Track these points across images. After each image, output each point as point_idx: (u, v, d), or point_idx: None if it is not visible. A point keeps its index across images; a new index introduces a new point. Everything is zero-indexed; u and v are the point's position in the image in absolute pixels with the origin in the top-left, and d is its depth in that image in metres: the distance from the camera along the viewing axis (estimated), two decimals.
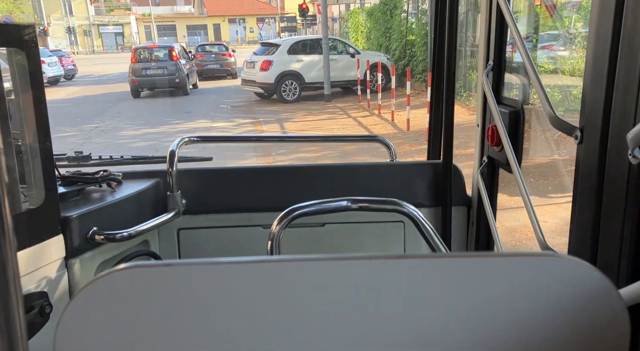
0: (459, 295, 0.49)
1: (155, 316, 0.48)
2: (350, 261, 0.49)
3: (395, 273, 0.49)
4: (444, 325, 0.49)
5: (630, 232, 0.93)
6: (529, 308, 0.49)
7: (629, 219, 0.96)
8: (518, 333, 0.49)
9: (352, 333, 0.48)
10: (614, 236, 0.97)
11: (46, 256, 1.65)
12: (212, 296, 0.49)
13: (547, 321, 0.49)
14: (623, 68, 1.00)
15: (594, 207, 1.06)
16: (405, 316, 0.49)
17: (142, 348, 0.48)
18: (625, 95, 0.99)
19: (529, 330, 0.49)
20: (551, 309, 0.49)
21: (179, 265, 0.50)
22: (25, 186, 1.64)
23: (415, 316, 0.49)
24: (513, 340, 0.48)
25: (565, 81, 9.55)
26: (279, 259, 0.52)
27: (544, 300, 0.49)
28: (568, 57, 10.14)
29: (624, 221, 0.96)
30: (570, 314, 0.48)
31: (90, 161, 2.39)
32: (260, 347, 0.50)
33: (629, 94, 0.98)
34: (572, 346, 0.49)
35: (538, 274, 0.49)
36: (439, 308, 0.49)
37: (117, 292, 0.48)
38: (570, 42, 10.20)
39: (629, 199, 0.96)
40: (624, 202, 0.96)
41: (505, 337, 0.48)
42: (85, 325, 0.48)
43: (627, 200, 0.96)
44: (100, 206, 1.88)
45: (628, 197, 0.96)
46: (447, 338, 0.49)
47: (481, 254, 0.55)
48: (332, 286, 0.48)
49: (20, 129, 1.61)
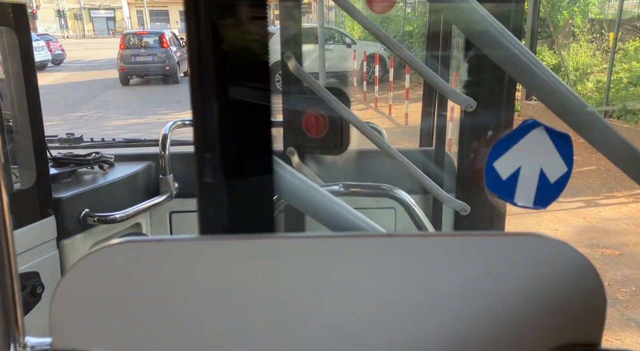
0: (441, 273, 0.50)
1: (148, 291, 0.49)
2: (334, 239, 0.51)
3: (380, 251, 0.50)
4: (425, 301, 0.50)
5: None
6: (509, 286, 0.51)
7: None
8: (498, 310, 0.51)
9: (334, 310, 0.50)
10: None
11: (38, 236, 1.68)
12: (203, 271, 0.49)
13: (528, 298, 0.51)
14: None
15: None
16: (386, 294, 0.50)
17: (135, 322, 0.49)
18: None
19: (510, 307, 0.51)
20: (532, 286, 0.51)
21: (170, 241, 0.49)
22: (17, 166, 1.65)
23: (397, 294, 0.50)
24: (493, 316, 0.51)
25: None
26: (268, 236, 0.52)
27: (524, 278, 0.51)
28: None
29: None
30: (550, 292, 0.51)
31: (82, 143, 2.41)
32: (252, 322, 0.50)
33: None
34: (551, 322, 0.51)
35: (519, 253, 0.51)
36: (422, 286, 0.50)
37: (110, 267, 0.49)
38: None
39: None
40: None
41: (486, 313, 0.51)
42: (79, 299, 0.49)
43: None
44: (92, 187, 1.90)
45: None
46: (429, 315, 0.51)
47: (463, 233, 0.51)
48: (319, 264, 0.50)
49: (11, 109, 1.62)
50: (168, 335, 0.50)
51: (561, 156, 0.81)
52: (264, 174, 0.60)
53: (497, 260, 0.51)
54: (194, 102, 0.55)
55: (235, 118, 0.57)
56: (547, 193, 0.83)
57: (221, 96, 0.55)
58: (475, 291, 0.51)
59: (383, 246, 0.51)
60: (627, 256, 4.88)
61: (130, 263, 0.49)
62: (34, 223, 1.66)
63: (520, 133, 0.81)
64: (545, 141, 0.80)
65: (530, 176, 0.81)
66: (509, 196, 0.83)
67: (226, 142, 0.57)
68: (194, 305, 0.50)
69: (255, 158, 0.60)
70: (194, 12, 0.53)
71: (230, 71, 0.56)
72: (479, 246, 0.51)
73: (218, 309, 0.50)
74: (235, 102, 0.56)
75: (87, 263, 0.49)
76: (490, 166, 0.81)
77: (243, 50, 0.56)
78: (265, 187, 0.61)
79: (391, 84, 12.14)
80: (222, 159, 0.57)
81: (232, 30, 0.55)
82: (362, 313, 0.51)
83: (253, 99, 0.57)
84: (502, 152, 0.81)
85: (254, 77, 0.57)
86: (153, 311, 0.49)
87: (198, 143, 0.56)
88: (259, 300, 0.50)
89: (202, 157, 0.56)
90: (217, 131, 0.56)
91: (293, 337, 0.51)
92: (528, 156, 0.81)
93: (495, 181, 0.82)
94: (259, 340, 0.51)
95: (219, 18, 0.54)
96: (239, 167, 0.58)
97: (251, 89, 0.57)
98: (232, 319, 0.50)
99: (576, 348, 0.52)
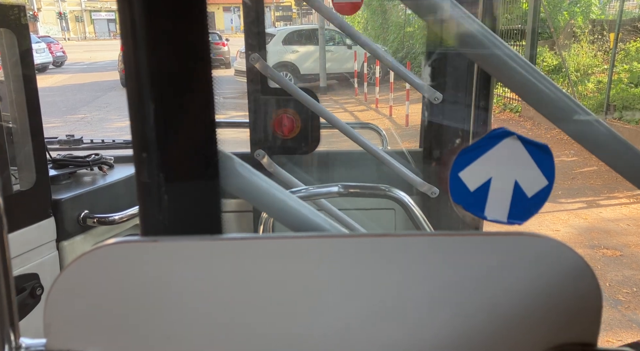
0: (435, 273, 0.50)
1: (143, 291, 0.49)
2: (331, 239, 0.51)
3: (375, 251, 0.50)
4: (422, 301, 0.51)
5: None
6: (505, 286, 0.51)
7: None
8: (493, 310, 0.51)
9: (331, 309, 0.50)
10: None
11: (37, 238, 1.68)
12: (198, 271, 0.49)
13: (523, 298, 0.51)
14: None
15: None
16: (381, 295, 0.50)
17: (131, 322, 0.49)
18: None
19: (505, 307, 0.51)
20: (527, 286, 0.51)
21: (165, 241, 0.50)
22: (16, 168, 1.65)
23: (392, 295, 0.50)
24: (488, 316, 0.51)
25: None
26: (266, 236, 0.52)
27: (520, 278, 0.50)
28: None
29: None
30: (546, 291, 0.50)
31: (82, 144, 2.41)
32: (247, 322, 0.50)
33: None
34: (547, 322, 0.51)
35: (514, 252, 0.50)
36: (416, 286, 0.50)
37: (105, 267, 0.49)
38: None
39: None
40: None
41: (481, 313, 0.51)
42: (73, 300, 0.49)
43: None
44: (92, 189, 1.91)
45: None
46: (424, 315, 0.51)
47: (457, 233, 0.51)
48: (317, 264, 0.50)
49: (10, 111, 1.61)
50: (163, 335, 0.50)
51: (540, 168, 0.75)
52: (207, 175, 0.59)
53: (492, 260, 0.50)
54: (130, 103, 0.54)
55: (172, 118, 0.56)
56: (523, 207, 0.77)
57: (156, 95, 0.54)
58: (471, 290, 0.51)
59: (377, 246, 0.51)
60: (628, 256, 4.87)
61: (125, 263, 0.49)
62: (34, 224, 1.66)
63: (487, 142, 0.75)
64: (520, 152, 0.75)
65: (503, 189, 0.76)
66: (478, 209, 0.77)
67: (163, 143, 0.56)
68: (189, 305, 0.50)
69: (196, 159, 0.59)
70: (128, 9, 0.52)
71: (166, 71, 0.55)
72: (473, 246, 0.51)
73: (213, 309, 0.50)
74: (171, 101, 0.56)
75: (81, 263, 0.49)
76: (456, 176, 0.76)
77: (181, 50, 0.55)
78: (209, 188, 0.60)
79: (392, 85, 12.14)
80: (160, 160, 0.56)
81: (168, 28, 0.54)
82: (355, 314, 0.51)
83: (191, 100, 0.56)
84: (468, 162, 0.75)
85: (192, 77, 0.56)
86: (148, 311, 0.49)
87: (135, 143, 0.55)
88: (255, 300, 0.50)
89: (139, 158, 0.55)
90: (154, 131, 0.55)
91: (288, 340, 0.51)
92: (499, 168, 0.76)
93: (461, 192, 0.76)
94: (253, 341, 0.51)
95: (153, 16, 0.53)
96: (177, 168, 0.58)
97: (189, 89, 0.56)
98: (227, 319, 0.50)
99: (572, 347, 0.51)
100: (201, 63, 0.57)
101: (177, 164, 0.58)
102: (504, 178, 0.76)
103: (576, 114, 0.88)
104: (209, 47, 0.57)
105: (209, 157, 0.59)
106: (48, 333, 0.49)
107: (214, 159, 0.59)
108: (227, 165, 0.65)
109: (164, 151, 0.56)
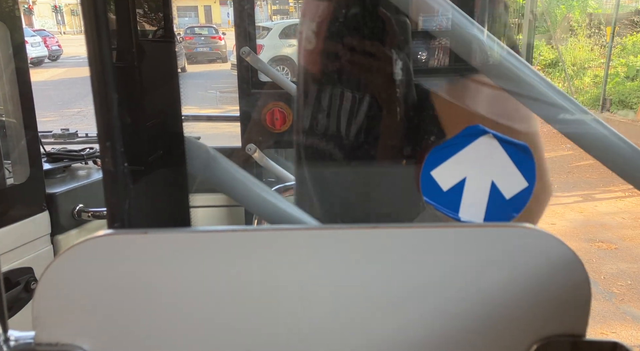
0: (423, 265, 0.50)
1: (134, 283, 0.49)
2: (320, 231, 0.51)
3: (364, 243, 0.50)
4: (410, 293, 0.50)
5: None
6: (494, 278, 0.50)
7: None
8: (482, 302, 0.51)
9: (319, 303, 0.50)
10: None
11: (32, 232, 1.67)
12: (190, 264, 0.49)
13: (512, 290, 0.51)
14: None
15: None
16: (369, 287, 0.50)
17: (121, 315, 0.49)
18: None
19: (494, 298, 0.51)
20: (517, 278, 0.50)
21: (156, 233, 0.49)
22: (10, 162, 1.65)
23: (380, 287, 0.50)
24: (477, 308, 0.51)
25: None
26: (257, 229, 0.52)
27: (509, 270, 0.50)
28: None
29: None
30: (535, 283, 0.50)
31: (77, 138, 2.40)
32: (238, 315, 0.50)
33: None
34: (536, 314, 0.51)
35: (503, 244, 0.50)
36: (405, 278, 0.50)
37: (95, 259, 0.49)
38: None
39: None
40: None
41: (470, 305, 0.51)
42: (63, 292, 0.49)
43: None
44: (87, 183, 1.90)
45: None
46: (412, 308, 0.51)
47: (447, 225, 0.51)
48: (306, 256, 0.50)
49: (4, 105, 1.61)
50: (152, 327, 0.50)
51: (519, 169, 0.72)
52: (172, 164, 0.58)
53: (481, 251, 0.50)
54: (94, 93, 0.54)
55: (136, 107, 0.56)
56: (501, 209, 0.73)
57: (120, 84, 0.54)
58: (459, 282, 0.50)
59: (367, 238, 0.50)
60: (623, 250, 4.90)
61: (115, 255, 0.49)
62: (28, 218, 1.66)
63: (461, 140, 0.71)
64: (497, 151, 0.72)
65: (479, 190, 0.73)
66: (452, 208, 0.74)
67: (127, 132, 0.55)
68: (179, 297, 0.49)
69: (161, 147, 0.58)
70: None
71: (130, 58, 0.55)
72: (462, 237, 0.50)
73: (205, 302, 0.50)
74: (135, 91, 0.55)
75: (70, 255, 0.49)
76: (428, 174, 0.73)
77: (144, 38, 0.55)
78: (175, 178, 0.59)
79: None
80: (124, 149, 0.55)
81: (130, 16, 0.54)
82: (343, 307, 0.50)
83: (156, 89, 0.56)
84: (440, 160, 0.72)
85: (157, 66, 0.56)
86: (138, 303, 0.49)
87: (99, 133, 0.55)
88: (246, 292, 0.50)
89: (104, 147, 0.55)
90: (118, 120, 0.54)
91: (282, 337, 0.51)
92: (474, 168, 0.72)
93: (434, 191, 0.73)
94: (242, 334, 0.51)
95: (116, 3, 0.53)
96: (141, 157, 0.57)
97: (155, 78, 0.56)
98: (219, 313, 0.50)
99: (561, 339, 0.52)
100: (165, 51, 0.56)
101: (142, 152, 0.57)
102: (480, 178, 0.72)
103: (569, 113, 0.81)
104: (173, 35, 0.56)
105: (175, 146, 0.59)
106: (37, 325, 0.49)
107: (179, 148, 0.59)
108: (203, 157, 0.64)
109: (127, 139, 0.55)
